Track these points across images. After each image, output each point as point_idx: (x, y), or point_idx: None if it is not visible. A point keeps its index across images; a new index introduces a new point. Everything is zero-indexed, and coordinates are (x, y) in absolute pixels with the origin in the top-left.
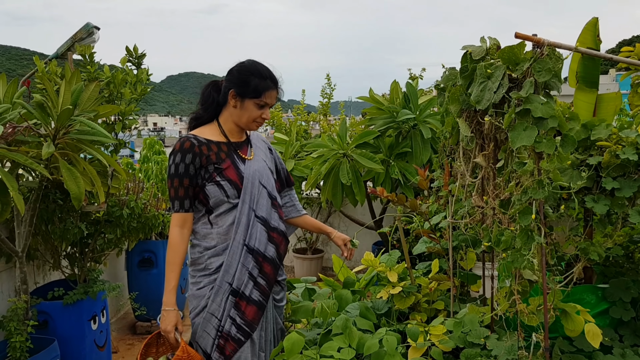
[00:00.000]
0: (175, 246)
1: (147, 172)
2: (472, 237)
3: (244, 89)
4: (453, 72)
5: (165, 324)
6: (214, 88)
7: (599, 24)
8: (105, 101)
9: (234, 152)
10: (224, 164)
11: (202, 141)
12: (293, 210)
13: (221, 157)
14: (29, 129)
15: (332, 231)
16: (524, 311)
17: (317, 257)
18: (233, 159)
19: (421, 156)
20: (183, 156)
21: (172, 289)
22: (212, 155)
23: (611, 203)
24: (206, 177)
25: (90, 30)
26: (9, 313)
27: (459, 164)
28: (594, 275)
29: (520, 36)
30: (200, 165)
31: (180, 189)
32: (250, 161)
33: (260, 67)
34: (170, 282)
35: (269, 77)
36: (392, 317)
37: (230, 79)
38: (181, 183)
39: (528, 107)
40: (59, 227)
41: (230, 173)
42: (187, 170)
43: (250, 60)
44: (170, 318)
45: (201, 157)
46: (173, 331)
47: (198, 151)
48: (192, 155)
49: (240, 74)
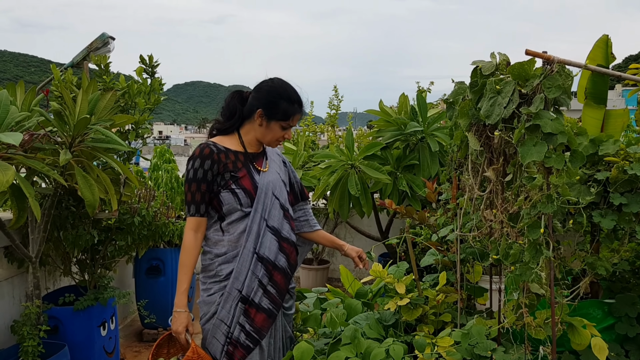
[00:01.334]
0: (189, 249)
1: (157, 180)
2: (480, 250)
3: (273, 111)
4: (462, 87)
5: (177, 325)
6: (239, 100)
7: (610, 41)
8: (120, 110)
9: (250, 162)
10: (240, 172)
11: (221, 149)
12: (305, 225)
13: (238, 166)
14: (46, 137)
15: (344, 244)
16: (532, 324)
17: (323, 268)
18: (249, 168)
19: (429, 169)
20: (202, 162)
21: (183, 291)
22: (229, 163)
23: (618, 218)
24: (222, 184)
25: (106, 40)
26: (22, 318)
27: (468, 177)
28: (600, 290)
29: (531, 53)
30: (218, 172)
31: (197, 193)
32: (265, 173)
33: (290, 89)
34: (182, 284)
35: (297, 101)
36: (400, 329)
37: (259, 98)
38: (198, 188)
39: (538, 122)
40: (71, 234)
41: (245, 182)
42: (205, 176)
43: (280, 80)
44: (181, 319)
45: (219, 164)
46: (184, 332)
47: (217, 158)
48: (210, 161)
49: (270, 95)
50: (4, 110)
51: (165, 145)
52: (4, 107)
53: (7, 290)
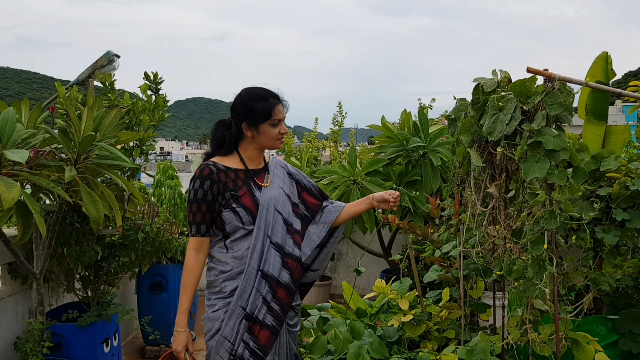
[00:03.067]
0: (190, 269)
1: (160, 196)
2: (483, 266)
3: (254, 117)
4: (464, 103)
5: (177, 344)
6: (224, 127)
7: (610, 58)
8: (124, 127)
9: (251, 179)
10: (240, 190)
11: (220, 168)
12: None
13: (238, 185)
14: (51, 154)
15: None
16: (536, 340)
17: (325, 284)
18: (249, 186)
19: (431, 184)
20: (202, 182)
21: (184, 310)
22: (229, 182)
23: (621, 234)
24: (223, 203)
25: (111, 58)
26: (25, 334)
27: (470, 193)
28: (603, 306)
29: (532, 71)
30: (218, 192)
31: (198, 214)
32: (267, 188)
33: (257, 90)
34: (183, 303)
35: (270, 96)
36: (403, 345)
37: (237, 114)
38: (199, 208)
39: (540, 139)
40: (75, 250)
41: (246, 200)
42: (205, 196)
43: (244, 88)
44: (181, 339)
45: (219, 184)
46: (183, 351)
47: (216, 178)
48: (210, 182)
49: (243, 106)
50: (10, 128)
51: (168, 162)
52: (10, 124)
53: (10, 306)
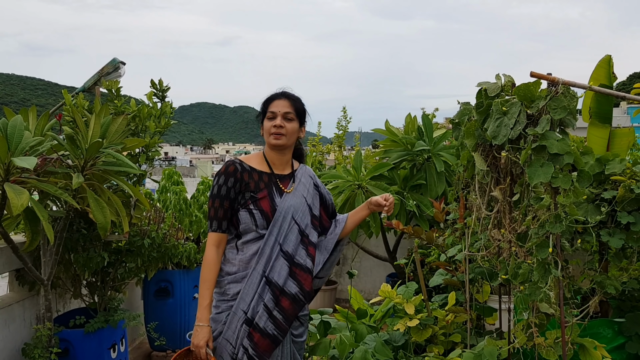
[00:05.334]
0: (210, 264)
1: (166, 202)
2: (489, 270)
3: (260, 115)
4: (468, 107)
5: (198, 339)
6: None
7: (612, 61)
8: (130, 134)
9: (274, 183)
10: (260, 193)
11: (245, 168)
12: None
13: (259, 187)
14: (59, 161)
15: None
16: (542, 344)
17: (330, 289)
18: (271, 190)
19: (435, 188)
20: (226, 179)
21: (206, 305)
22: (251, 183)
23: (626, 237)
24: (242, 202)
25: (117, 65)
26: (33, 340)
27: (475, 197)
28: (610, 309)
29: (536, 75)
30: (240, 190)
31: (220, 209)
32: (289, 194)
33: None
34: (205, 299)
35: (272, 94)
36: (409, 350)
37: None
38: (222, 204)
39: (544, 143)
40: (82, 256)
41: (264, 204)
42: (228, 193)
43: None
44: (203, 333)
45: (241, 183)
46: (204, 347)
47: (240, 177)
48: (233, 179)
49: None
50: (18, 135)
51: (173, 167)
52: (18, 132)
53: (18, 312)
